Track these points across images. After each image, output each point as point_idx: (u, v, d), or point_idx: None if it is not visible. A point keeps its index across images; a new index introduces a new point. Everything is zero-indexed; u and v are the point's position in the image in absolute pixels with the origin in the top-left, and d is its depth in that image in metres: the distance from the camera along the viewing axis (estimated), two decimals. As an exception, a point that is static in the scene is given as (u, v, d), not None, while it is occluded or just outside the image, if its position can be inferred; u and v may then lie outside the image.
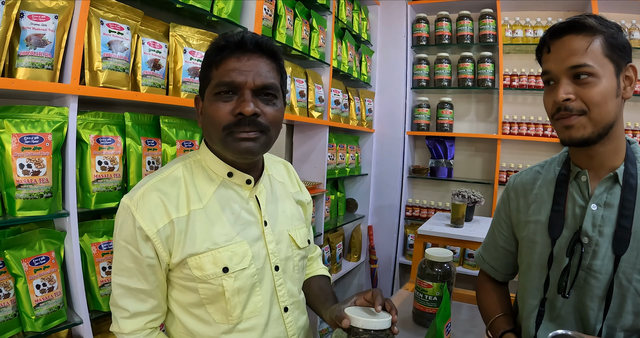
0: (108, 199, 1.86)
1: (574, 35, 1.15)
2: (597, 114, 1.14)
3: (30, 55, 1.57)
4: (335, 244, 3.99)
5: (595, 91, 1.13)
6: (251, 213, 1.30)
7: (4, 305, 1.56)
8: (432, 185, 4.72)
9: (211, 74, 1.21)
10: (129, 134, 1.92)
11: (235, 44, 1.18)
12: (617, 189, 1.21)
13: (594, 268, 1.21)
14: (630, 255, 1.17)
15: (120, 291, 1.21)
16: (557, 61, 1.18)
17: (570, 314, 1.28)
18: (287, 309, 1.35)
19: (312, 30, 3.28)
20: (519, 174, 1.52)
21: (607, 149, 1.22)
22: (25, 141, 1.56)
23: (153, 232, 1.16)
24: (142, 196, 1.19)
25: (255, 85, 1.17)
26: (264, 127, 1.19)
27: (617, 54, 1.15)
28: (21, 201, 1.56)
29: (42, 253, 1.65)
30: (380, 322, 1.11)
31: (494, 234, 1.59)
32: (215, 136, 1.20)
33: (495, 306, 1.55)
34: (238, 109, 1.15)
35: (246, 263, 1.24)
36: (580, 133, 1.16)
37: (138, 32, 1.94)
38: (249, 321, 1.25)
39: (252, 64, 1.18)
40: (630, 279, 1.17)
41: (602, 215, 1.22)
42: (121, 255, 1.20)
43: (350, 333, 1.12)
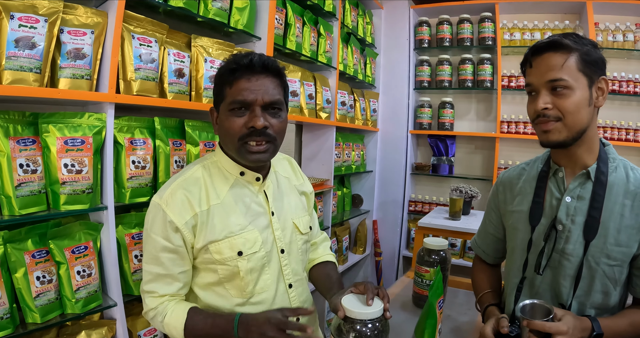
0: (140, 194, 2.05)
1: (553, 52, 1.32)
2: (571, 120, 1.32)
3: (71, 67, 1.75)
4: (342, 237, 4.12)
5: (569, 101, 1.30)
6: (260, 205, 1.52)
7: (48, 290, 1.74)
8: (434, 181, 4.82)
9: (225, 92, 1.41)
10: (158, 137, 2.11)
11: (245, 67, 1.38)
12: (589, 184, 1.38)
13: (567, 251, 1.39)
14: (599, 241, 1.34)
15: (150, 277, 1.42)
16: (538, 75, 1.35)
17: (546, 291, 1.45)
18: (291, 285, 1.57)
19: (320, 36, 3.44)
20: (507, 171, 1.70)
21: (581, 150, 1.40)
22: (69, 143, 1.74)
23: (182, 223, 1.38)
24: (170, 194, 1.41)
25: (264, 102, 1.38)
26: (272, 138, 1.41)
27: (590, 69, 1.32)
28: (65, 196, 1.74)
29: (81, 243, 1.84)
30: (372, 312, 1.25)
31: (486, 222, 1.79)
32: (231, 145, 1.42)
33: (484, 283, 1.73)
34: (250, 123, 1.37)
35: (257, 247, 1.46)
36: (556, 136, 1.34)
37: (164, 44, 2.12)
38: (259, 295, 1.48)
39: (260, 83, 1.38)
40: (598, 262, 1.34)
41: (575, 206, 1.39)
42: (152, 246, 1.41)
43: (347, 322, 1.26)
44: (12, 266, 1.66)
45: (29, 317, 1.71)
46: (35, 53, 1.62)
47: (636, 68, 3.92)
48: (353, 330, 1.23)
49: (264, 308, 1.48)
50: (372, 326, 1.23)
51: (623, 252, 1.34)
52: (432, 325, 1.42)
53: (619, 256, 1.34)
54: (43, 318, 1.73)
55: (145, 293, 1.44)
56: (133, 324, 2.10)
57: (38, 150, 1.71)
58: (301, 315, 1.22)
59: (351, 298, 1.33)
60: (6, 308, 1.62)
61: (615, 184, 1.38)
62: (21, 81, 1.59)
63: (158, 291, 1.41)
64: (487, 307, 1.59)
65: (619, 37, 3.81)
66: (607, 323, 1.31)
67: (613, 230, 1.34)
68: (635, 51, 3.79)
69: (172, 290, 1.42)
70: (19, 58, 1.58)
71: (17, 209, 1.64)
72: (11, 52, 1.57)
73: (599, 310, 1.39)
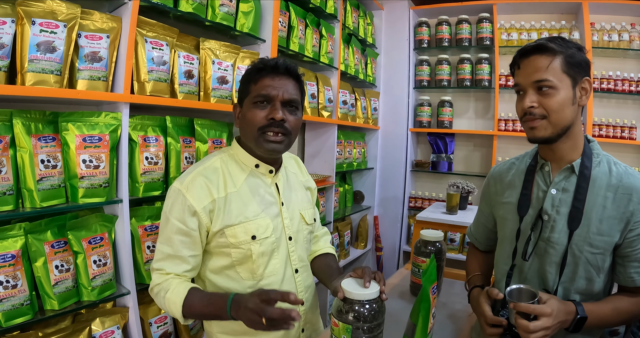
0: (153, 188, 2.18)
1: (539, 55, 1.41)
2: (555, 118, 1.40)
3: (88, 69, 1.87)
4: (344, 232, 4.22)
5: (554, 101, 1.39)
6: (272, 196, 1.65)
7: (66, 278, 1.85)
8: (433, 178, 4.91)
9: (250, 88, 1.56)
10: (170, 134, 2.23)
11: (271, 68, 1.55)
12: (574, 178, 1.47)
13: (552, 240, 1.47)
14: (582, 230, 1.43)
15: (161, 256, 1.52)
16: (525, 76, 1.44)
17: (534, 277, 1.53)
18: (297, 271, 1.70)
19: (322, 37, 3.54)
20: (498, 165, 1.79)
21: (566, 146, 1.48)
22: (87, 140, 1.85)
23: (200, 208, 1.49)
24: (191, 180, 1.53)
25: (284, 98, 1.53)
26: (288, 131, 1.55)
27: (573, 70, 1.40)
28: (83, 190, 1.86)
29: (97, 234, 1.95)
30: (369, 294, 1.34)
31: (479, 213, 1.89)
32: (251, 135, 1.55)
33: (475, 267, 1.83)
34: (270, 115, 1.51)
35: (268, 233, 1.58)
36: (541, 133, 1.43)
37: (174, 47, 2.24)
38: (268, 278, 1.60)
39: (282, 83, 1.54)
40: (581, 250, 1.43)
41: (559, 198, 1.47)
42: (168, 229, 1.51)
43: (346, 303, 1.35)
44: (33, 255, 1.77)
45: (47, 303, 1.81)
46: (55, 56, 1.73)
47: (632, 67, 4.01)
48: (352, 310, 1.32)
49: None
50: (369, 307, 1.32)
51: (605, 241, 1.42)
52: (426, 309, 1.50)
53: (601, 245, 1.42)
54: (61, 304, 1.83)
55: (154, 271, 1.54)
56: (145, 312, 2.20)
57: (58, 147, 1.82)
58: (289, 302, 1.29)
59: (350, 281, 1.41)
60: (26, 295, 1.73)
61: (598, 178, 1.45)
62: (43, 82, 1.71)
63: (166, 269, 1.51)
64: (472, 288, 1.69)
65: (614, 37, 3.89)
66: (591, 307, 1.39)
67: (595, 220, 1.42)
68: (630, 51, 3.87)
69: (179, 270, 1.52)
70: (41, 61, 1.69)
71: (39, 201, 1.75)
72: (33, 56, 1.68)
73: (584, 296, 1.47)
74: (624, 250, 1.43)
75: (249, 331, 1.61)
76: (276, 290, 1.31)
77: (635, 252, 1.41)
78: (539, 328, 1.28)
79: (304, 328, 1.74)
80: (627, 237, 1.41)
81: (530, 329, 1.28)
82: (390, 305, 1.97)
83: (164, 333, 2.26)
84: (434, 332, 1.73)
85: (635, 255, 1.41)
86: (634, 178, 1.43)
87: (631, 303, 1.44)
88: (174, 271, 1.51)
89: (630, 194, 1.40)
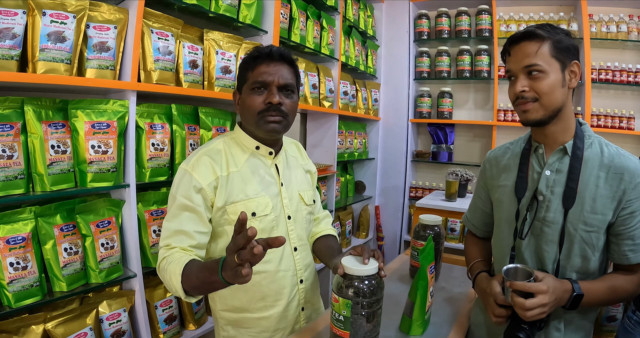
0: (159, 174, 2.24)
1: (527, 42, 1.46)
2: (547, 100, 1.45)
3: (97, 59, 1.93)
4: (345, 221, 4.27)
5: (544, 84, 1.43)
6: (272, 176, 1.73)
7: (74, 260, 1.92)
8: (433, 168, 4.93)
9: (247, 75, 1.64)
10: (175, 122, 2.29)
11: (266, 55, 1.62)
12: (567, 159, 1.51)
13: (548, 219, 1.51)
14: (576, 209, 1.47)
15: (167, 234, 1.56)
16: (515, 62, 1.48)
17: (531, 257, 1.57)
18: (296, 249, 1.77)
19: (323, 29, 3.59)
20: (493, 150, 1.83)
21: (558, 128, 1.52)
22: (96, 127, 1.91)
23: (206, 184, 1.56)
24: (196, 160, 1.60)
25: (279, 83, 1.61)
26: (285, 114, 1.63)
27: (562, 55, 1.45)
28: (92, 174, 1.92)
29: (105, 218, 2.02)
30: (368, 269, 1.38)
31: (475, 199, 1.93)
32: (251, 119, 1.63)
33: (475, 253, 1.86)
34: (268, 99, 1.59)
35: (268, 211, 1.65)
36: (533, 115, 1.47)
37: (179, 37, 2.30)
38: (268, 255, 1.65)
39: (277, 69, 1.61)
40: (576, 228, 1.47)
41: (554, 178, 1.52)
42: (175, 206, 1.57)
43: (346, 279, 1.39)
44: (42, 238, 1.83)
45: (56, 285, 1.88)
46: (65, 46, 1.80)
47: (630, 58, 4.03)
48: (351, 286, 1.36)
49: (273, 266, 1.68)
50: (368, 282, 1.36)
51: (599, 219, 1.46)
52: (424, 286, 1.57)
53: (595, 223, 1.46)
54: (69, 286, 1.90)
55: (161, 248, 1.57)
56: (151, 296, 2.26)
57: (67, 133, 1.88)
58: (271, 245, 1.24)
59: (350, 258, 1.46)
60: (36, 277, 1.79)
61: (590, 159, 1.49)
62: (53, 70, 1.77)
63: (171, 243, 1.52)
64: (478, 273, 1.72)
65: (612, 28, 3.91)
66: (586, 285, 1.43)
67: (589, 199, 1.46)
68: (628, 42, 3.89)
69: (184, 244, 1.53)
70: (51, 50, 1.76)
71: (49, 186, 1.82)
72: (44, 45, 1.74)
73: (580, 275, 1.50)
74: (617, 228, 1.47)
75: (249, 308, 1.70)
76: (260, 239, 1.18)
77: (628, 230, 1.45)
78: (535, 305, 1.32)
79: (303, 307, 1.80)
80: (619, 215, 1.45)
81: (526, 306, 1.32)
82: (389, 288, 2.02)
83: (169, 316, 2.32)
84: (433, 312, 1.79)
85: (629, 233, 1.45)
86: (625, 158, 1.47)
87: (626, 281, 1.48)
88: (179, 244, 1.52)
89: (622, 173, 1.44)
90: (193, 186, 1.56)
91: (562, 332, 1.53)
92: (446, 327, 1.75)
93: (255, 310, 1.70)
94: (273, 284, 1.69)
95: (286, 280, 1.72)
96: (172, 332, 2.35)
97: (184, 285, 1.40)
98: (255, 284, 1.67)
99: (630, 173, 1.44)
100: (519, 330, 1.40)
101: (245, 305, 1.70)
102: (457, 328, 1.75)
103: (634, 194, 1.43)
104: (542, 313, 1.35)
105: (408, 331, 1.65)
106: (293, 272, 1.74)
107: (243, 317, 1.71)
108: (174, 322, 2.36)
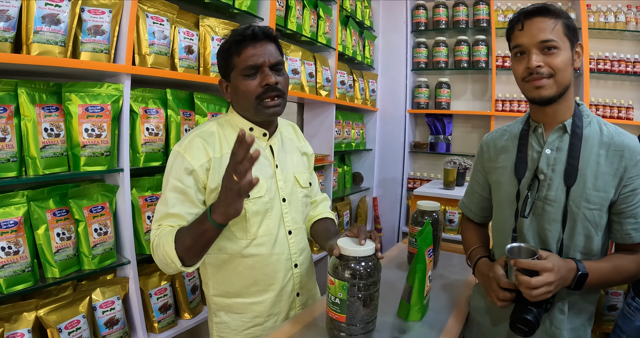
0: (154, 159, 2.22)
1: (543, 17, 1.43)
2: (561, 77, 1.43)
3: (91, 42, 1.91)
4: (343, 212, 4.26)
5: (559, 60, 1.42)
6: (266, 158, 1.69)
7: (67, 246, 1.90)
8: (431, 159, 4.92)
9: (234, 61, 1.58)
10: (170, 107, 2.28)
11: (250, 36, 1.56)
12: (566, 137, 1.50)
13: (549, 197, 1.50)
14: (578, 186, 1.45)
15: (158, 216, 1.55)
16: (530, 37, 1.44)
17: (533, 237, 1.55)
18: (291, 232, 1.73)
19: (319, 18, 3.57)
20: (490, 133, 1.81)
21: (562, 107, 1.51)
22: (89, 110, 1.90)
23: (197, 166, 1.54)
24: (189, 142, 1.58)
25: (270, 63, 1.57)
26: (282, 92, 1.60)
27: (571, 34, 1.45)
28: (85, 158, 1.90)
29: (99, 203, 2.00)
30: (364, 250, 1.36)
31: (472, 183, 1.90)
32: (249, 105, 1.59)
33: (474, 240, 1.84)
34: (264, 81, 1.55)
35: (262, 192, 1.63)
36: (547, 91, 1.45)
37: (175, 23, 2.27)
38: (261, 238, 1.64)
39: (264, 48, 1.57)
40: (579, 206, 1.45)
41: (554, 157, 1.50)
42: (167, 188, 1.56)
43: (342, 260, 1.37)
44: (35, 223, 1.81)
45: (48, 271, 1.86)
46: (60, 28, 1.77)
47: (628, 48, 4.03)
48: (348, 267, 1.34)
49: (266, 250, 1.65)
50: (365, 264, 1.35)
51: (601, 197, 1.44)
52: (422, 270, 1.55)
53: (597, 201, 1.45)
54: (62, 272, 1.88)
55: (152, 230, 1.57)
56: (145, 283, 2.24)
57: (61, 116, 1.86)
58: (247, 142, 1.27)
59: (346, 239, 1.44)
60: (28, 262, 1.77)
61: (590, 137, 1.49)
62: (48, 52, 1.75)
63: (163, 223, 1.54)
64: (479, 258, 1.70)
65: (610, 19, 3.91)
66: (591, 265, 1.41)
67: (591, 176, 1.45)
68: (627, 32, 3.89)
69: (174, 224, 1.52)
70: (45, 32, 1.73)
71: (41, 169, 1.79)
72: (39, 27, 1.72)
73: (583, 255, 1.49)
74: (619, 206, 1.46)
75: (242, 293, 1.68)
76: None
77: (630, 208, 1.44)
78: (541, 283, 1.29)
79: (299, 293, 1.78)
80: (621, 193, 1.44)
81: (532, 284, 1.30)
82: (388, 274, 2.01)
83: (163, 305, 2.30)
84: (432, 298, 1.77)
85: (631, 211, 1.45)
86: (625, 136, 1.47)
87: (630, 261, 1.47)
88: (170, 224, 1.53)
89: (622, 150, 1.43)
90: (185, 168, 1.54)
91: (565, 314, 1.51)
92: (445, 313, 1.74)
93: (248, 294, 1.68)
94: (266, 268, 1.67)
95: (280, 264, 1.69)
96: (167, 321, 2.33)
97: (178, 252, 1.42)
98: (248, 268, 1.65)
99: (631, 151, 1.43)
100: (526, 312, 1.36)
101: (238, 290, 1.68)
102: (456, 313, 1.74)
103: (635, 171, 1.43)
104: (548, 293, 1.32)
105: (406, 317, 1.63)
106: (287, 256, 1.71)
107: (235, 302, 1.69)
108: (169, 310, 2.34)
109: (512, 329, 1.40)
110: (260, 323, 1.71)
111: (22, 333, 1.74)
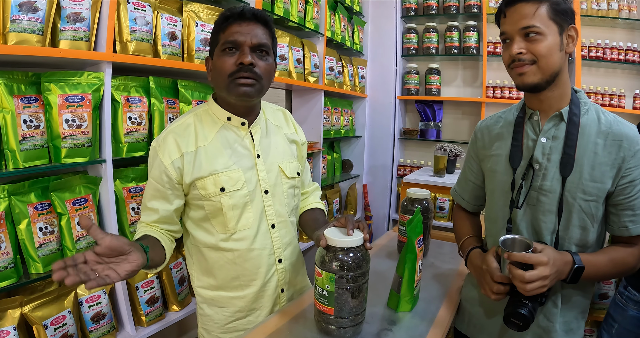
0: (137, 149, 2.18)
1: (524, 3, 1.40)
2: (544, 63, 1.39)
3: (70, 30, 1.85)
4: (332, 200, 4.24)
5: (542, 46, 1.38)
6: (246, 148, 1.64)
7: (50, 240, 1.86)
8: (422, 146, 4.92)
9: (219, 37, 1.54)
10: (153, 95, 2.22)
11: (238, 15, 1.52)
12: (563, 125, 1.46)
13: (544, 188, 1.46)
14: (574, 177, 1.42)
15: (142, 209, 1.62)
16: (511, 24, 1.42)
17: (527, 229, 1.52)
18: (274, 226, 1.69)
19: (307, 3, 3.51)
20: (484, 120, 1.77)
21: (554, 94, 1.47)
22: (69, 100, 1.84)
23: (168, 163, 1.53)
24: (163, 139, 1.57)
25: (252, 43, 1.50)
26: (258, 76, 1.52)
27: (560, 18, 1.39)
28: (66, 150, 1.85)
29: (82, 196, 1.96)
30: (352, 241, 1.32)
31: (465, 170, 1.86)
32: (222, 83, 1.53)
33: (466, 229, 1.81)
34: (239, 60, 1.49)
35: (239, 185, 1.58)
36: (530, 78, 1.41)
37: (157, 9, 2.22)
38: (241, 232, 1.61)
39: (250, 28, 1.51)
40: (574, 197, 1.42)
41: (550, 145, 1.46)
42: (148, 182, 1.60)
43: (329, 251, 1.33)
44: (16, 218, 1.77)
45: (32, 267, 1.82)
46: (37, 16, 1.71)
47: (620, 36, 4.01)
48: (335, 258, 1.31)
49: (246, 244, 1.62)
50: (352, 255, 1.31)
51: (598, 187, 1.41)
52: (412, 260, 1.52)
53: (594, 192, 1.41)
54: (45, 268, 1.85)
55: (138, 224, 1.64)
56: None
57: (40, 108, 1.81)
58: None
59: (333, 230, 1.40)
60: (10, 258, 1.73)
61: (587, 125, 1.45)
62: (25, 41, 1.69)
63: (142, 219, 1.61)
64: (471, 249, 1.67)
65: (603, 6, 3.89)
66: (587, 257, 1.39)
67: (587, 166, 1.42)
68: (619, 19, 3.87)
69: (149, 220, 1.59)
70: (22, 21, 1.68)
71: (22, 162, 1.74)
72: (15, 16, 1.66)
73: (579, 248, 1.46)
74: (616, 198, 1.42)
75: (223, 286, 1.68)
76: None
77: (627, 200, 1.41)
78: (535, 277, 1.26)
79: (283, 289, 1.75)
80: (619, 184, 1.41)
81: (526, 278, 1.27)
82: (377, 264, 1.98)
83: (151, 297, 2.27)
84: (422, 288, 1.74)
85: (628, 203, 1.41)
86: (623, 125, 1.43)
87: (627, 253, 1.44)
88: (145, 220, 1.60)
89: (620, 140, 1.40)
90: (158, 166, 1.55)
91: (558, 308, 1.49)
92: (436, 303, 1.72)
93: (229, 288, 1.67)
94: (247, 263, 1.64)
95: (262, 259, 1.66)
96: (155, 314, 2.30)
97: None
98: (228, 262, 1.63)
99: (629, 140, 1.39)
100: (520, 306, 1.33)
101: (220, 283, 1.67)
102: (447, 303, 1.72)
103: (634, 162, 1.39)
104: (543, 287, 1.29)
105: (396, 307, 1.61)
106: (270, 251, 1.68)
107: (218, 295, 1.68)
108: (157, 303, 2.31)
109: (506, 323, 1.37)
110: (242, 317, 1.69)
111: (7, 331, 1.70)
